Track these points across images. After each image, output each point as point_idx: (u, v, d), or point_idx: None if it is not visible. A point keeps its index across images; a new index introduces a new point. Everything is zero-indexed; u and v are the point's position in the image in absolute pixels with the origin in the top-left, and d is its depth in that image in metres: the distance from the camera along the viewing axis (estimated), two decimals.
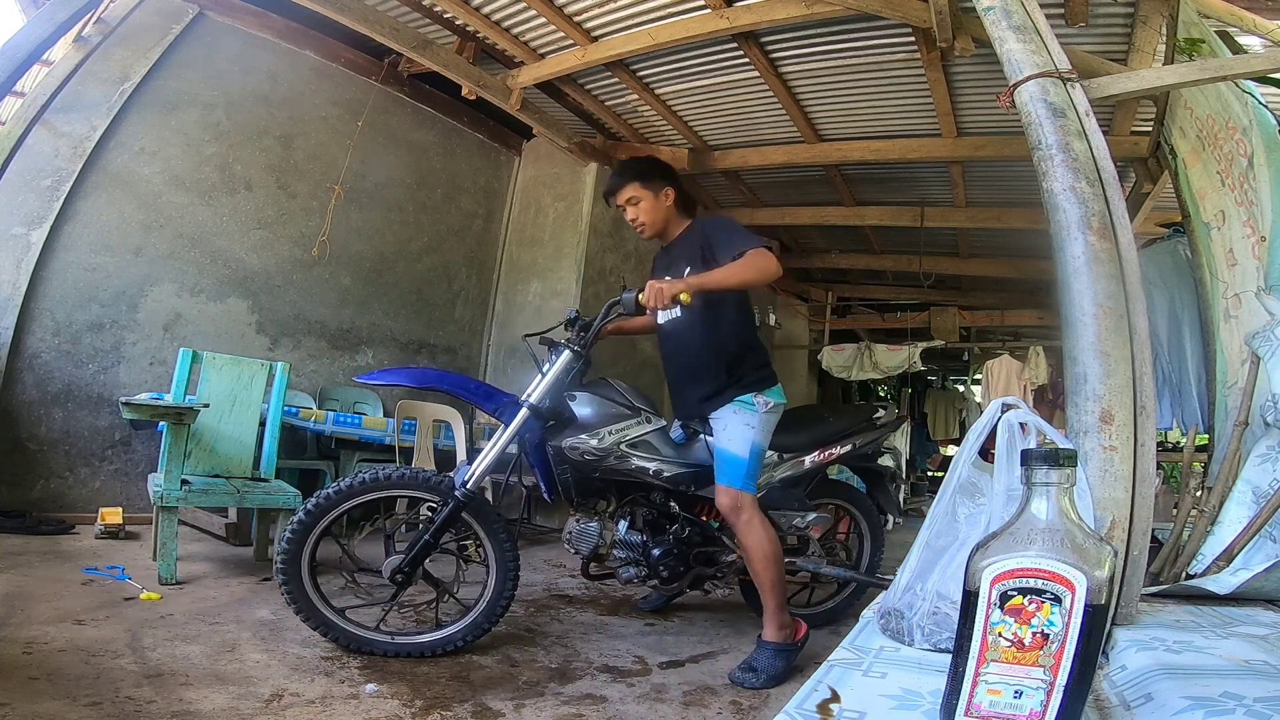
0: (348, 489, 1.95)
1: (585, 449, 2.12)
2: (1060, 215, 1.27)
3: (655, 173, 2.37)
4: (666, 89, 4.21)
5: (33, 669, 1.61)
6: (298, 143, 4.22)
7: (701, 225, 2.31)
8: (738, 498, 2.13)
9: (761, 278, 2.09)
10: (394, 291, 4.71)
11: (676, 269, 2.25)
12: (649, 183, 2.32)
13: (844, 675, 0.90)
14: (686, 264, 2.22)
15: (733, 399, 2.19)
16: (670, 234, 2.39)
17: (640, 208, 2.32)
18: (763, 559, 2.11)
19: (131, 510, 3.34)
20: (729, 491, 2.14)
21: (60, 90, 3.34)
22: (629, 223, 2.38)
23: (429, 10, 3.80)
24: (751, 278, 2.07)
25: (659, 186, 2.33)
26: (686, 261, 2.23)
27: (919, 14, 2.92)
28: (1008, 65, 1.43)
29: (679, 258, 2.29)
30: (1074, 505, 0.72)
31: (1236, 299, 1.98)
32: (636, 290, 1.99)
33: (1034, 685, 0.68)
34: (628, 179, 2.33)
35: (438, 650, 1.99)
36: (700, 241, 2.23)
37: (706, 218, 2.34)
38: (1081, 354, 1.19)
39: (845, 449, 2.52)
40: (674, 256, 2.34)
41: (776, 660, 2.05)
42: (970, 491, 1.14)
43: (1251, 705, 0.74)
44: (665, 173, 2.39)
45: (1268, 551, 1.49)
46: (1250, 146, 1.93)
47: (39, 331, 3.35)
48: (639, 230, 2.37)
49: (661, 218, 2.34)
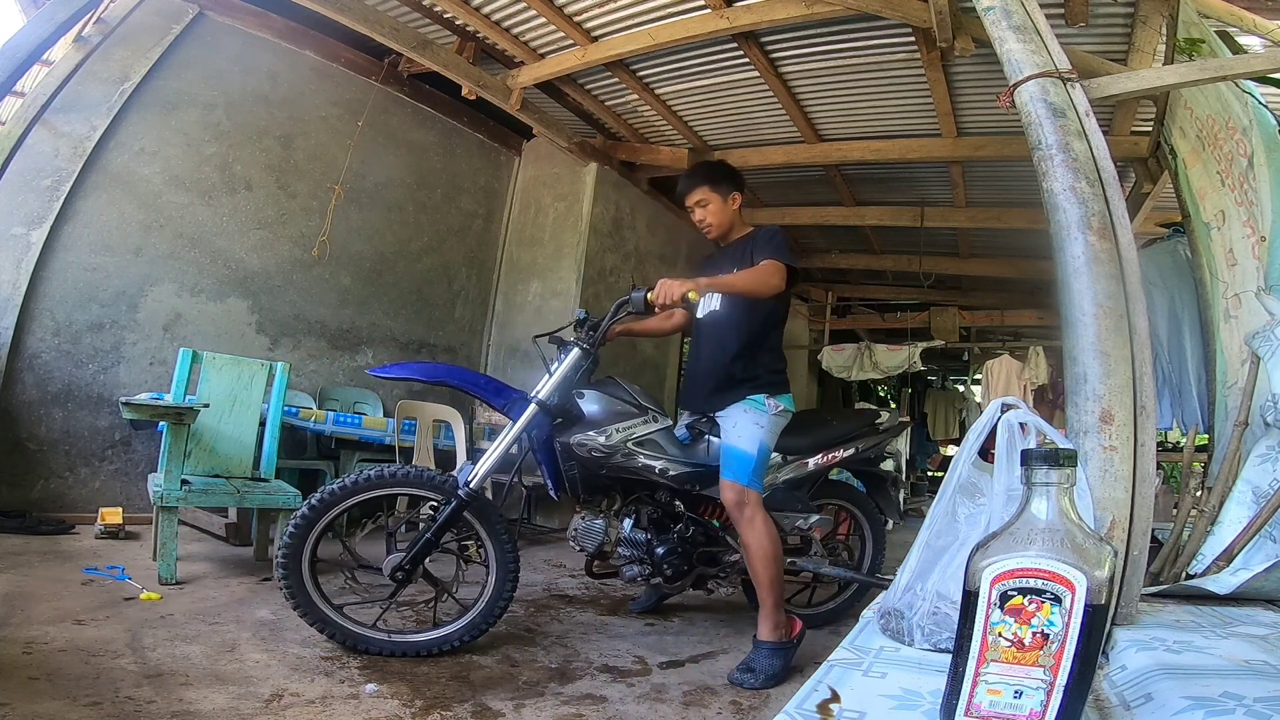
0: (352, 486, 1.96)
1: (593, 445, 2.15)
2: (1060, 215, 1.27)
3: (725, 177, 2.46)
4: (666, 89, 4.21)
5: (33, 669, 1.61)
6: (298, 143, 4.22)
7: (758, 233, 2.39)
8: (743, 493, 2.16)
9: (758, 289, 2.15)
10: (394, 291, 4.71)
11: (723, 269, 2.33)
12: (718, 186, 2.42)
13: (844, 675, 0.90)
14: (734, 265, 2.30)
15: (744, 397, 2.24)
16: (731, 236, 2.47)
17: (709, 210, 2.42)
18: (762, 557, 2.13)
19: (131, 510, 3.33)
20: (735, 486, 2.16)
21: (60, 90, 3.34)
22: (696, 223, 2.47)
23: (429, 10, 3.80)
24: (749, 287, 2.15)
25: (727, 191, 2.42)
26: (734, 264, 2.31)
27: (919, 14, 2.92)
28: (1008, 65, 1.43)
29: (729, 259, 2.37)
30: (1074, 505, 0.72)
31: (1236, 299, 1.98)
32: (645, 289, 2.02)
33: (1034, 685, 0.68)
34: (699, 181, 2.43)
35: (434, 650, 1.99)
36: (750, 250, 2.31)
37: (766, 227, 2.42)
38: (1081, 354, 1.19)
39: (848, 452, 2.55)
40: (725, 257, 2.43)
41: (773, 659, 2.06)
42: (970, 491, 1.14)
43: (1251, 705, 0.74)
44: (735, 179, 2.49)
45: (1268, 551, 1.49)
46: (1250, 146, 1.93)
47: (39, 331, 3.35)
48: (705, 230, 2.47)
49: (727, 220, 2.43)
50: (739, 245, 2.40)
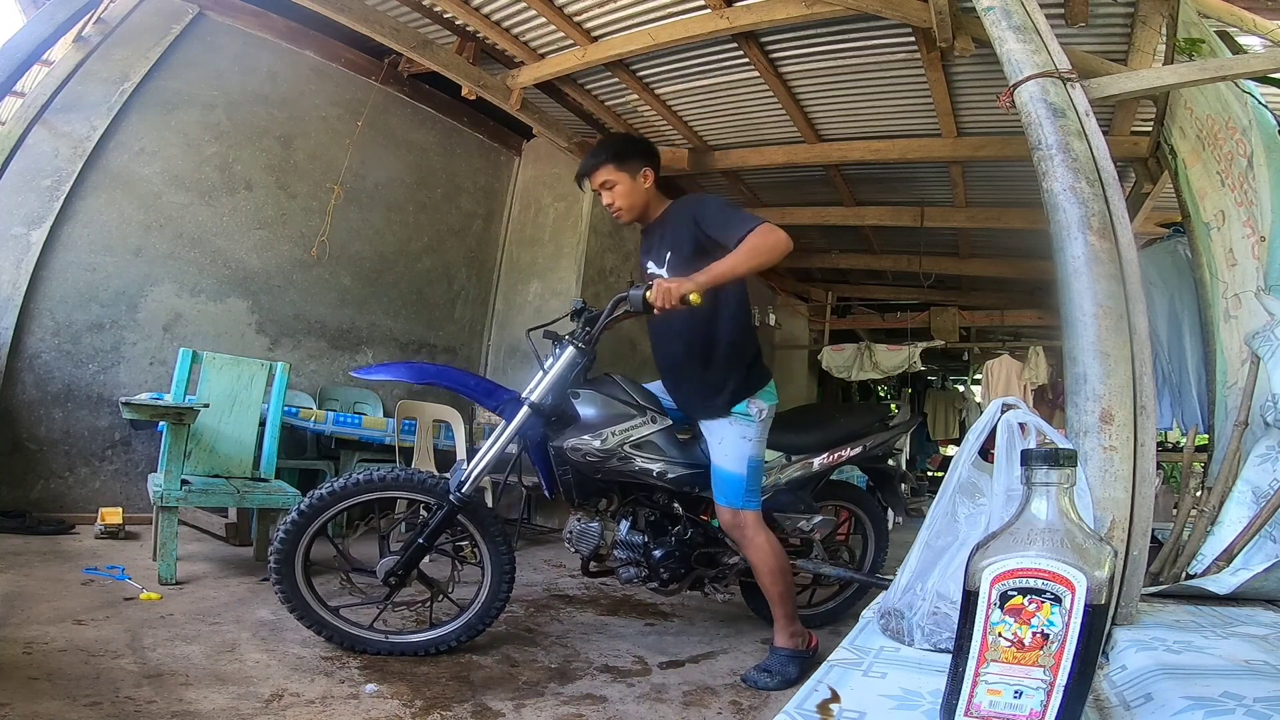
0: (342, 489, 1.94)
1: (588, 450, 2.07)
2: (1060, 215, 1.27)
3: (631, 152, 2.15)
4: (666, 89, 4.21)
5: (33, 669, 1.61)
6: (298, 143, 4.22)
7: (686, 205, 2.12)
8: (738, 516, 2.09)
9: (774, 256, 1.88)
10: (394, 291, 4.71)
11: (658, 254, 2.14)
12: (625, 163, 2.12)
13: (844, 675, 0.90)
14: (668, 249, 2.09)
15: (727, 409, 2.09)
16: (650, 217, 2.21)
17: (616, 192, 2.13)
18: (769, 573, 2.09)
19: (131, 510, 3.33)
20: (729, 511, 2.09)
21: (60, 90, 3.34)
22: (605, 207, 2.19)
23: (429, 10, 3.80)
24: (764, 260, 1.87)
25: (636, 167, 2.13)
26: (669, 246, 2.09)
27: (919, 14, 2.92)
28: (1008, 65, 1.43)
29: (660, 243, 2.14)
30: (1074, 505, 0.72)
31: (1236, 299, 1.98)
32: (644, 287, 1.88)
33: (1034, 685, 0.68)
34: (602, 160, 2.12)
35: (430, 649, 1.99)
36: (686, 223, 2.05)
37: (690, 197, 2.15)
38: (1081, 354, 1.19)
39: (855, 451, 2.46)
40: (653, 241, 2.18)
41: (790, 665, 2.04)
42: (970, 491, 1.14)
43: (1251, 705, 0.74)
44: (644, 150, 2.17)
45: (1268, 551, 1.49)
46: (1250, 146, 1.93)
47: (39, 331, 3.35)
48: (615, 216, 2.19)
49: (640, 201, 2.15)
50: (664, 224, 2.15)
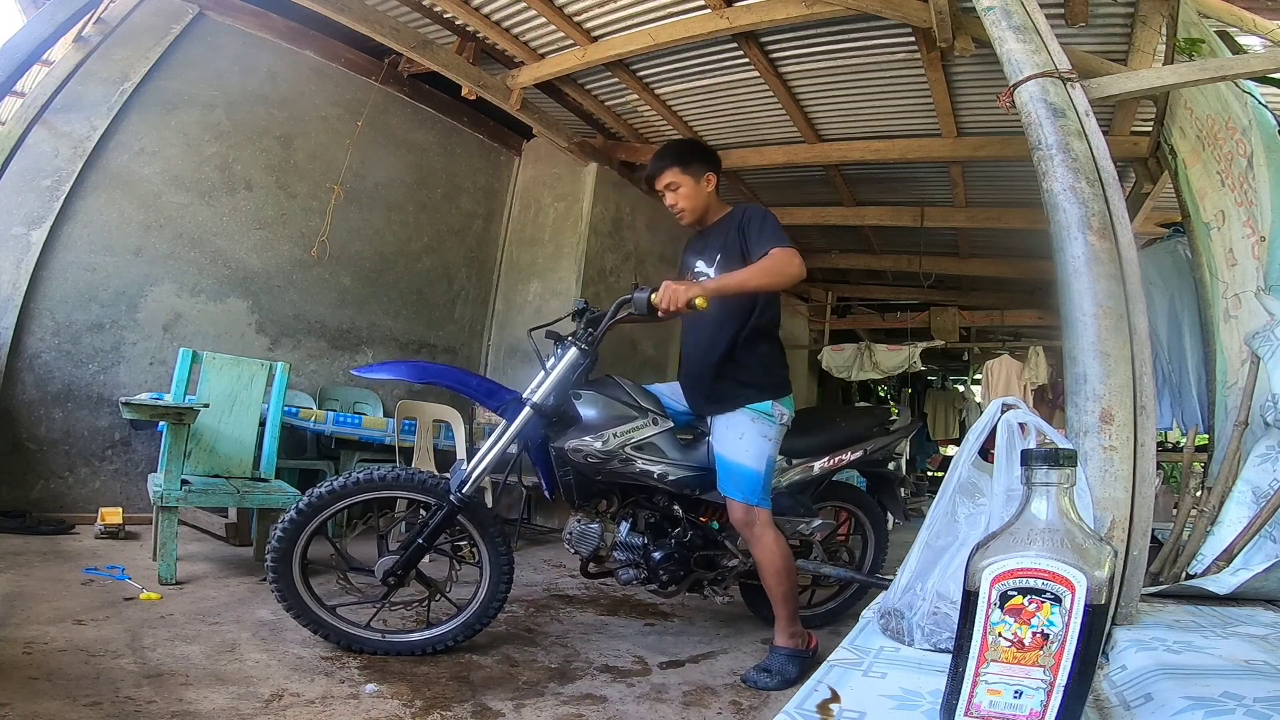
0: (340, 489, 1.94)
1: (589, 451, 2.06)
2: (1060, 215, 1.27)
3: (696, 156, 2.26)
4: (666, 89, 4.21)
5: (33, 669, 1.61)
6: (298, 143, 4.22)
7: (740, 212, 2.20)
8: (750, 512, 2.08)
9: (780, 281, 1.99)
10: (394, 291, 4.71)
11: (709, 255, 2.21)
12: (689, 167, 2.23)
13: (844, 675, 0.90)
14: (719, 251, 2.17)
15: (747, 404, 2.11)
16: (708, 220, 2.30)
17: (680, 194, 2.23)
18: (774, 573, 2.09)
19: (131, 510, 3.33)
20: (742, 506, 2.09)
21: (60, 90, 3.34)
22: (668, 208, 2.29)
23: (429, 10, 3.80)
24: (769, 281, 1.98)
25: (700, 171, 2.23)
26: (720, 248, 2.17)
27: (919, 14, 2.92)
28: (1008, 65, 1.43)
29: (713, 244, 2.23)
30: (1074, 505, 0.72)
31: (1236, 299, 1.98)
32: (649, 290, 1.89)
33: (1034, 685, 0.68)
34: (669, 162, 2.23)
35: (428, 649, 1.99)
36: (736, 229, 2.14)
37: (746, 206, 2.24)
38: (1081, 354, 1.19)
39: (856, 455, 2.46)
40: (708, 242, 2.26)
41: (790, 665, 2.05)
42: (970, 491, 1.14)
43: (1251, 705, 0.74)
44: (707, 157, 2.29)
45: (1268, 551, 1.49)
46: (1250, 146, 1.93)
47: (39, 331, 3.35)
48: (678, 216, 2.28)
49: (702, 204, 2.25)
50: (721, 227, 2.24)
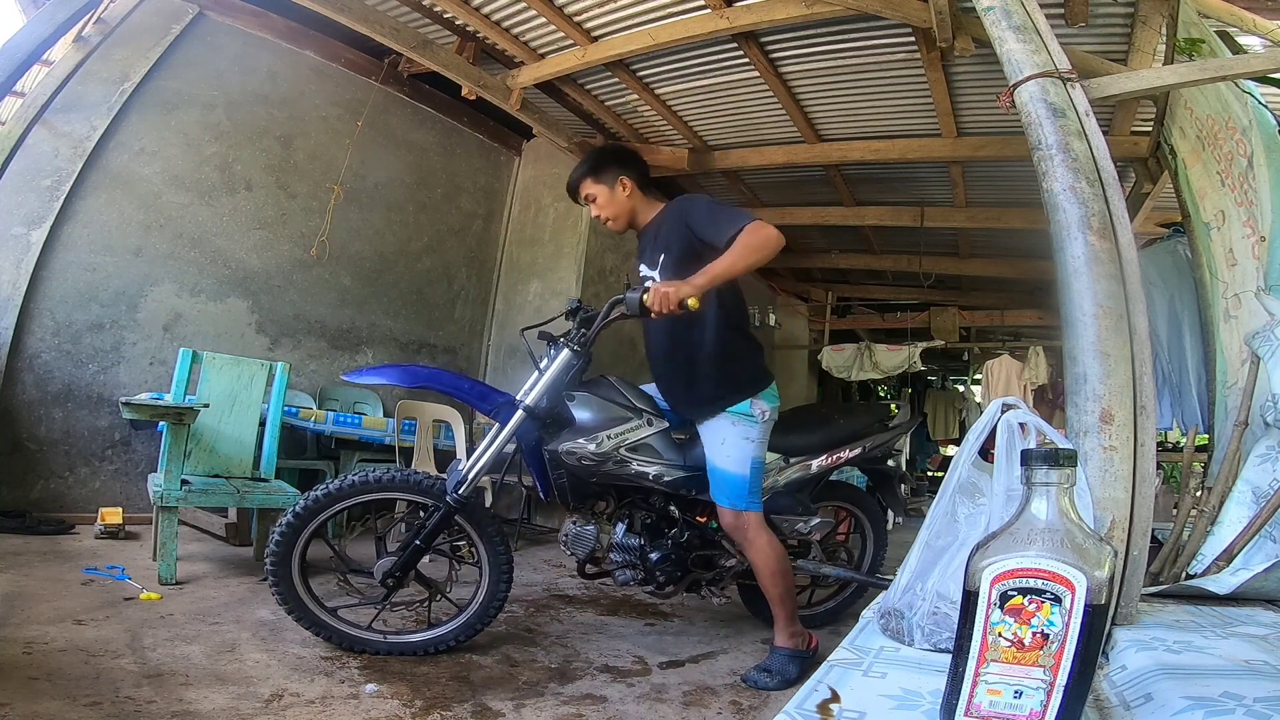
0: (338, 491, 1.94)
1: (582, 454, 2.05)
2: (1060, 215, 1.27)
3: (607, 163, 2.19)
4: (666, 89, 4.20)
5: (33, 669, 1.61)
6: (298, 143, 4.22)
7: (677, 207, 2.13)
8: (740, 517, 2.08)
9: (765, 254, 1.88)
10: (394, 291, 4.71)
11: (650, 257, 2.15)
12: (601, 176, 2.18)
13: (844, 675, 0.90)
14: (660, 250, 2.10)
15: (727, 408, 2.07)
16: (640, 222, 2.23)
17: (599, 204, 2.19)
18: (770, 574, 2.09)
19: (131, 510, 3.33)
20: (731, 513, 2.08)
21: (60, 90, 3.34)
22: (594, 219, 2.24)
23: (429, 10, 3.80)
24: (756, 258, 1.88)
25: (613, 177, 2.17)
26: (662, 248, 2.10)
27: (919, 14, 2.92)
28: (1008, 65, 1.43)
29: (651, 244, 2.17)
30: (1074, 505, 0.72)
31: (1236, 299, 1.98)
32: (641, 290, 1.85)
33: (1034, 685, 0.68)
34: (579, 175, 2.20)
35: (429, 649, 1.99)
36: (678, 225, 2.07)
37: (681, 199, 2.15)
38: (1081, 354, 1.19)
39: (855, 452, 2.44)
40: (646, 242, 2.20)
41: (790, 665, 2.04)
42: (970, 491, 1.14)
43: (1251, 705, 0.74)
44: (621, 159, 2.21)
45: (1268, 551, 1.49)
46: (1250, 146, 1.93)
47: (39, 331, 3.35)
48: (607, 225, 2.24)
49: (624, 209, 2.19)
50: (654, 225, 2.18)
